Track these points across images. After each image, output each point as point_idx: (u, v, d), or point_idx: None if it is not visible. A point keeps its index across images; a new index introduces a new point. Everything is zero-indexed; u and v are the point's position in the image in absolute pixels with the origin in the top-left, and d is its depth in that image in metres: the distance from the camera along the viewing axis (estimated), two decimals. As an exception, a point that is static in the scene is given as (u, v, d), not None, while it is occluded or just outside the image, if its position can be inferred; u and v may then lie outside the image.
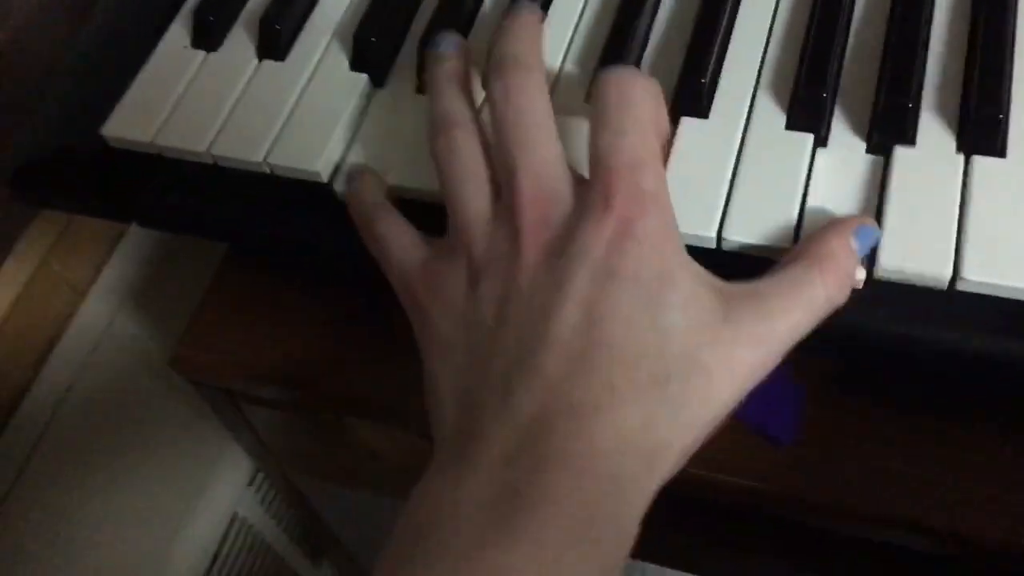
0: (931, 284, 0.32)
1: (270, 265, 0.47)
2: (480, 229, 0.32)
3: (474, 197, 0.33)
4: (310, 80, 0.40)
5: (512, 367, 0.30)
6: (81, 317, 0.60)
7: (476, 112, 0.35)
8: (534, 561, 0.27)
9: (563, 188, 0.32)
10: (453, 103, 0.35)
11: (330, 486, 0.62)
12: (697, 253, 0.32)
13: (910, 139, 0.35)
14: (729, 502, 0.43)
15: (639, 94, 0.32)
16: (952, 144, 0.35)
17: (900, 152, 0.34)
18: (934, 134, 0.35)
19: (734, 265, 0.33)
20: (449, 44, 0.37)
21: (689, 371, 0.29)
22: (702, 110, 0.37)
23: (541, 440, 0.29)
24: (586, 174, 0.32)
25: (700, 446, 0.31)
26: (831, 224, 0.33)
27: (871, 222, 0.33)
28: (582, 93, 0.38)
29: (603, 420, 0.29)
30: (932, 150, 0.35)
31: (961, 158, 0.34)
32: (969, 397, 0.42)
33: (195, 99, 0.41)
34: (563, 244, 0.30)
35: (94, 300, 0.60)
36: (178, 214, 0.42)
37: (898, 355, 0.34)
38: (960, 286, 0.32)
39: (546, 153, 0.32)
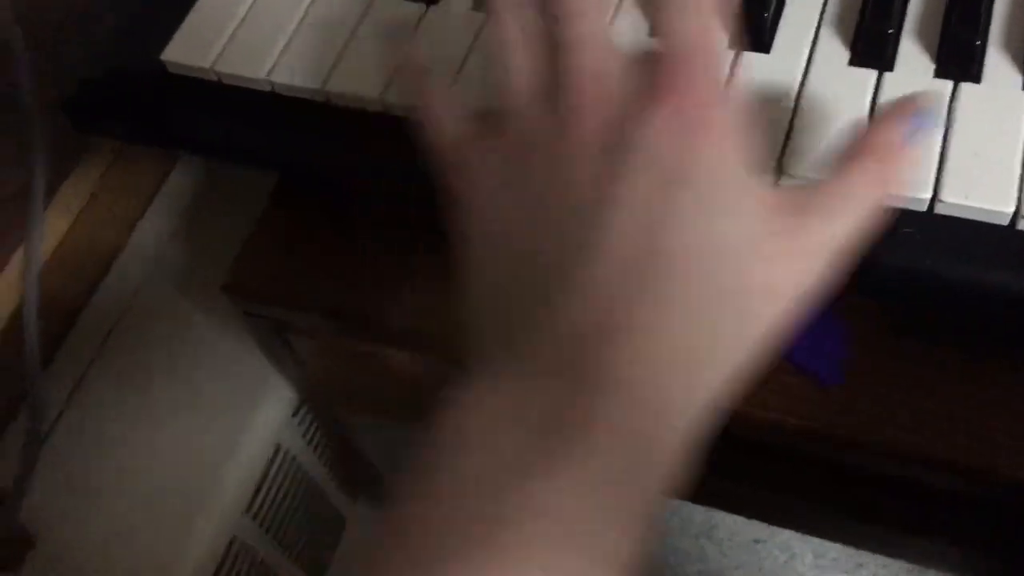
0: (992, 220, 0.32)
1: (323, 195, 0.48)
2: (528, 100, 0.29)
3: (524, 66, 0.30)
4: (370, 6, 0.40)
5: (558, 271, 0.27)
6: (130, 249, 0.60)
7: None
8: (583, 494, 0.24)
9: (619, 65, 0.29)
10: None
11: (371, 419, 0.63)
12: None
13: (975, 76, 0.34)
14: (773, 441, 0.44)
15: None
16: (1019, 82, 0.34)
17: (965, 89, 0.34)
18: (1000, 72, 0.35)
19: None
20: None
21: (741, 287, 0.27)
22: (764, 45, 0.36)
23: (590, 357, 0.26)
24: None
25: (743, 380, 0.28)
26: (888, 113, 0.29)
27: (929, 100, 0.29)
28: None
29: (657, 338, 0.26)
30: (997, 88, 0.34)
31: (1027, 96, 0.34)
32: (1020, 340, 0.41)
33: (255, 25, 0.41)
34: (621, 127, 0.27)
35: (142, 232, 0.61)
36: (234, 142, 0.42)
37: (954, 293, 0.34)
38: (1021, 224, 0.32)
39: (602, 28, 0.29)
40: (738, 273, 0.27)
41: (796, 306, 0.28)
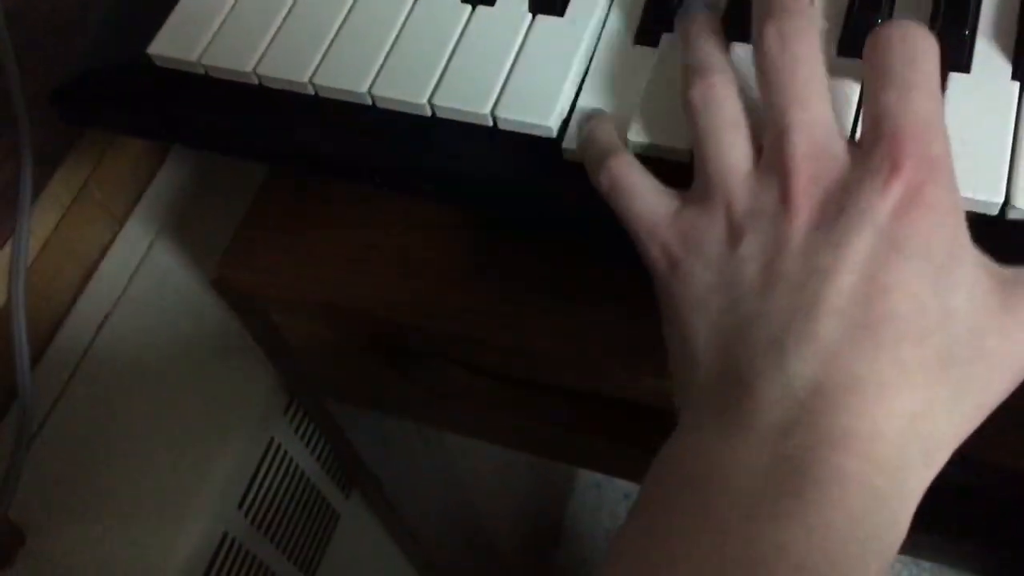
0: (981, 211, 0.32)
1: (314, 188, 0.47)
2: (741, 183, 0.30)
3: (733, 148, 0.31)
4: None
5: (784, 331, 0.28)
6: (119, 244, 0.60)
7: (732, 64, 0.33)
8: (813, 545, 0.26)
9: (838, 147, 0.30)
10: (709, 51, 0.33)
11: (364, 413, 0.63)
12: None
13: (965, 66, 0.34)
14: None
15: (926, 49, 0.30)
16: (1007, 71, 0.34)
17: (954, 78, 0.34)
18: (989, 61, 0.34)
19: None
20: (700, 5, 0.35)
21: (973, 356, 0.28)
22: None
23: (820, 414, 0.27)
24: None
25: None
26: None
27: None
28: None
29: (888, 400, 0.27)
30: (987, 77, 0.34)
31: (1016, 85, 0.34)
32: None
33: (241, 18, 0.41)
34: (840, 205, 0.28)
35: (132, 227, 0.61)
36: (222, 135, 0.42)
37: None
38: (1011, 215, 0.32)
39: (820, 108, 0.30)
40: (971, 342, 0.28)
41: (1020, 380, 0.29)
